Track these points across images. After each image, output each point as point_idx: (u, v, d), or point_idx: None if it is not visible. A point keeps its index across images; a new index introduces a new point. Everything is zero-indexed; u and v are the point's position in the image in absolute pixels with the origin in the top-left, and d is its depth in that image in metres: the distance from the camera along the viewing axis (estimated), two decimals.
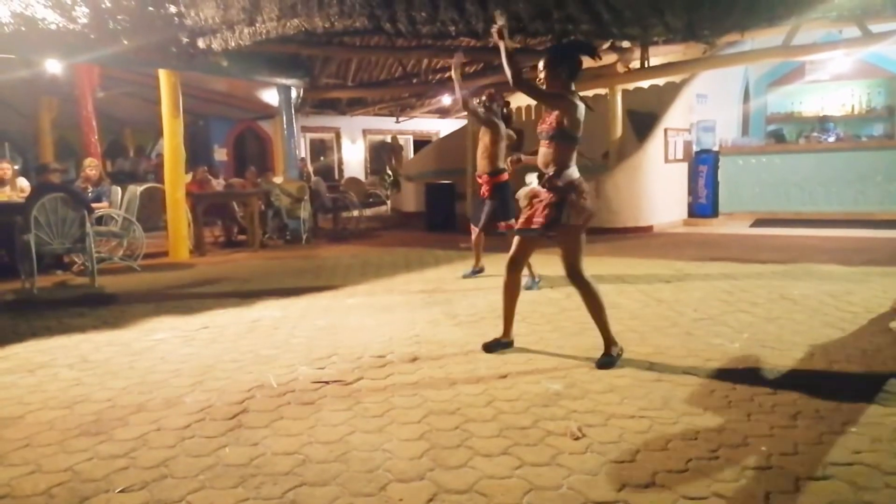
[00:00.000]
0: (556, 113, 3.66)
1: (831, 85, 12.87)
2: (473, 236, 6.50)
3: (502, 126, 6.09)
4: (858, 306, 4.75)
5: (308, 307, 5.47)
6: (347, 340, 4.36)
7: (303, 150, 16.07)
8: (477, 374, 3.59)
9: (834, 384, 3.23)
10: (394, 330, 4.60)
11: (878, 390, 3.11)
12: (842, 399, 3.01)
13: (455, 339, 4.32)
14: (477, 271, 6.69)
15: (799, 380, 3.31)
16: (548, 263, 6.12)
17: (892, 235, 8.37)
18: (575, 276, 3.64)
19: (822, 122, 12.55)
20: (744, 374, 3.42)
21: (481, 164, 6.11)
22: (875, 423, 2.74)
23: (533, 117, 12.47)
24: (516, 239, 3.85)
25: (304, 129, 16.51)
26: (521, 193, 3.68)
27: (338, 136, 17.77)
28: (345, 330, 4.66)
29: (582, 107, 3.63)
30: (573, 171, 3.66)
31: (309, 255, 8.98)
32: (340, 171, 17.61)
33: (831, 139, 11.48)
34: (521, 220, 3.85)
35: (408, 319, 4.90)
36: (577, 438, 2.69)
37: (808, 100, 13.25)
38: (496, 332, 4.42)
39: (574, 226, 3.60)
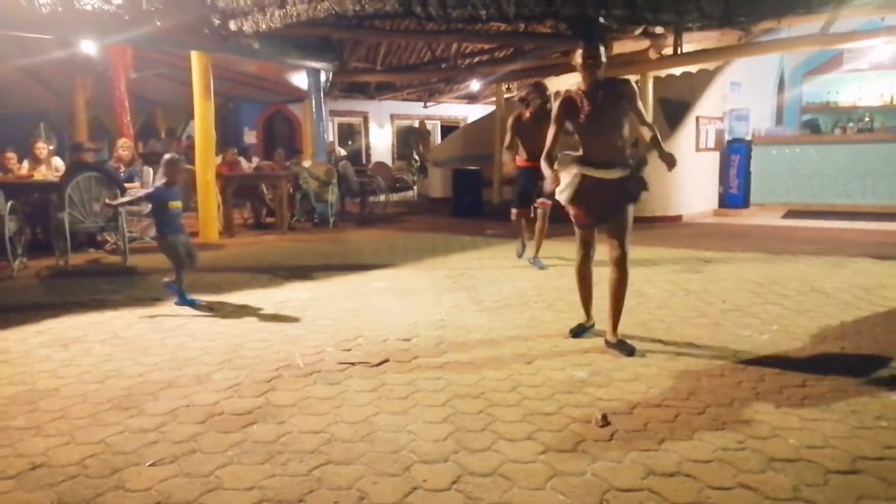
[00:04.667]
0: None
1: (871, 74, 12.52)
2: (526, 220, 6.35)
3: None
4: (893, 301, 4.65)
5: (335, 289, 5.51)
6: (373, 323, 4.39)
7: (331, 134, 16.12)
8: (502, 359, 3.59)
9: (865, 378, 3.17)
10: (419, 314, 4.61)
11: None
12: (873, 394, 2.96)
13: (480, 324, 4.32)
14: (541, 265, 6.22)
15: (830, 373, 3.25)
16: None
17: None
18: (626, 255, 3.68)
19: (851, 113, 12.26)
20: (773, 366, 3.36)
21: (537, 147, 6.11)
22: None
23: None
24: (583, 231, 3.84)
25: (333, 113, 16.54)
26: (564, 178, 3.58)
27: (366, 121, 17.77)
28: (370, 313, 4.69)
29: None
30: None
31: (336, 238, 9.04)
32: (368, 155, 17.62)
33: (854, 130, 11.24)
34: (579, 216, 3.77)
35: (433, 304, 4.91)
36: (601, 426, 2.68)
37: (844, 90, 12.91)
38: (522, 318, 4.45)
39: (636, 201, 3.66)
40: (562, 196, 3.71)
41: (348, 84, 14.51)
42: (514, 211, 6.42)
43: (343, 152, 15.10)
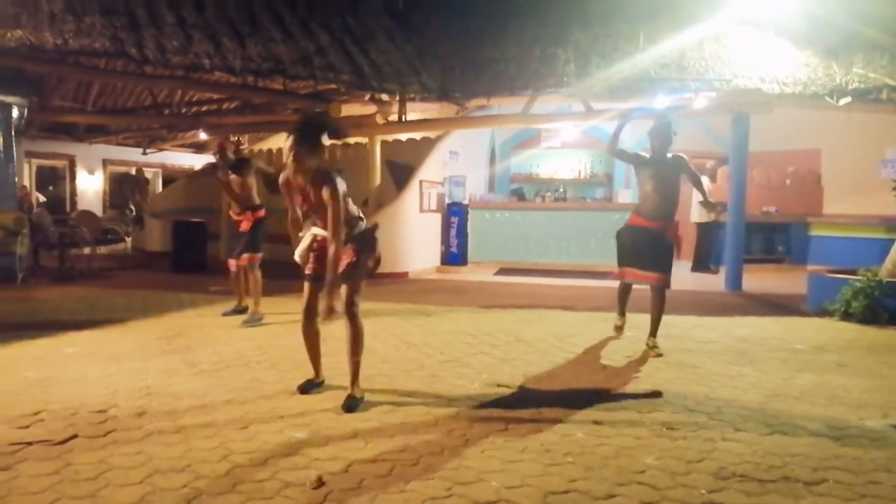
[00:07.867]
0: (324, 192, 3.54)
1: (563, 152, 14.59)
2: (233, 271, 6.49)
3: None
4: (579, 347, 5.30)
5: (16, 357, 4.69)
6: (62, 394, 3.80)
7: (26, 178, 14.06)
8: (214, 426, 3.31)
9: (557, 419, 3.52)
10: (121, 381, 4.10)
11: (595, 423, 3.46)
12: (564, 432, 3.29)
13: (193, 389, 3.97)
14: (239, 310, 6.45)
15: (528, 416, 3.56)
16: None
17: (611, 285, 9.55)
18: (354, 307, 3.72)
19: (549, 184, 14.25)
20: (480, 413, 3.58)
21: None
22: (589, 452, 3.02)
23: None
24: (308, 287, 3.83)
25: (30, 155, 14.49)
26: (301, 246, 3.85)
27: (72, 165, 15.82)
28: (60, 382, 4.06)
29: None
30: (362, 223, 3.80)
31: (24, 297, 7.77)
32: (73, 203, 15.66)
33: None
34: (309, 267, 3.81)
35: (139, 369, 4.41)
36: (315, 488, 2.59)
37: (544, 163, 14.87)
38: (241, 380, 4.22)
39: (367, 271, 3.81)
40: (297, 253, 3.82)
41: (51, 123, 12.89)
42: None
43: (42, 199, 13.32)
